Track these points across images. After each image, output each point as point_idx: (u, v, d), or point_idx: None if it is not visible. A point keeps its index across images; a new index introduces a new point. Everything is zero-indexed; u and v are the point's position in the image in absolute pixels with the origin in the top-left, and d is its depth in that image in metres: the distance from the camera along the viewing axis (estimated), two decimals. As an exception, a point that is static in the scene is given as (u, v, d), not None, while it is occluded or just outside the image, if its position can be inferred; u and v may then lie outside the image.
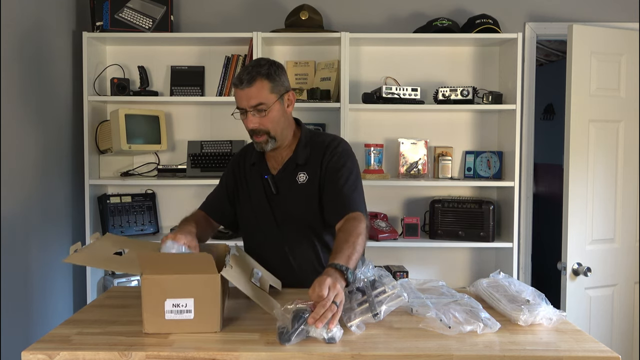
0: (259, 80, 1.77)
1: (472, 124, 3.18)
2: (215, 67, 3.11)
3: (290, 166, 1.90)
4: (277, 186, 1.89)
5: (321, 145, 1.90)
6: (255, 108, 1.78)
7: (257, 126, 1.80)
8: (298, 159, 1.89)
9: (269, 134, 1.82)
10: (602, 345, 1.38)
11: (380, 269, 1.58)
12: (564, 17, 3.12)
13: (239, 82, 1.78)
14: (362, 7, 3.17)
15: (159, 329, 1.41)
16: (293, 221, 1.89)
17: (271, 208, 1.90)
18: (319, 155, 1.89)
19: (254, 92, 1.77)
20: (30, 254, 2.59)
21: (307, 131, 1.96)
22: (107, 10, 2.97)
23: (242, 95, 1.79)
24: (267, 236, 1.92)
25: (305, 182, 1.88)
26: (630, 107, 2.81)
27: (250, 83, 1.77)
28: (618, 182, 2.81)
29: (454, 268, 3.22)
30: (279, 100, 1.81)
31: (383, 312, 1.45)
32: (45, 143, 2.72)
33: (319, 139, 1.94)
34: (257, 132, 1.82)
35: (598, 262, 2.74)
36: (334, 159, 1.87)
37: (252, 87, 1.77)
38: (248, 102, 1.78)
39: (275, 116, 1.81)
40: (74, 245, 1.60)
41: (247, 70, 1.79)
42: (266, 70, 1.79)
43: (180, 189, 3.19)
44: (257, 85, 1.77)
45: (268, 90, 1.78)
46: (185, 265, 1.42)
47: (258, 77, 1.77)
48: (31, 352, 1.30)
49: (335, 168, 1.85)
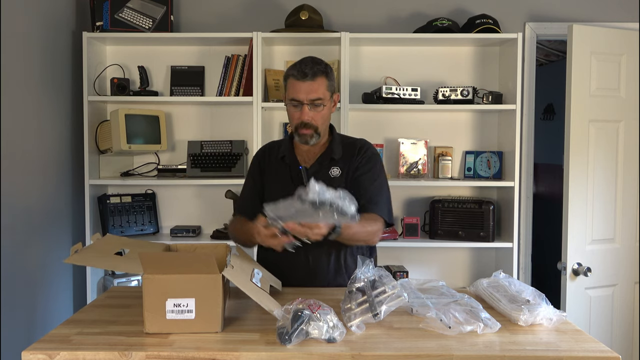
0: (320, 76, 1.86)
1: (472, 124, 3.19)
2: (215, 67, 3.11)
3: (325, 160, 1.97)
4: (309, 178, 1.92)
5: (353, 146, 2.01)
6: (312, 102, 1.86)
7: (310, 120, 1.87)
8: (334, 154, 1.96)
9: (316, 130, 1.90)
10: (602, 345, 1.38)
11: (380, 269, 1.58)
12: (564, 17, 3.12)
13: (302, 75, 1.85)
14: (362, 7, 3.17)
15: (160, 329, 1.41)
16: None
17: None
18: (351, 153, 1.98)
19: (315, 87, 1.85)
20: (30, 253, 2.59)
21: (337, 132, 2.06)
22: (107, 10, 2.97)
23: (302, 88, 1.86)
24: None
25: (337, 176, 1.95)
26: (630, 107, 2.81)
27: (314, 77, 1.85)
28: (618, 182, 2.81)
29: (454, 268, 3.22)
30: (331, 99, 1.91)
31: (383, 312, 1.46)
32: (45, 143, 2.72)
33: (349, 140, 2.06)
34: (308, 126, 1.89)
35: (598, 262, 2.75)
36: (363, 161, 1.97)
37: (314, 82, 1.85)
38: (308, 95, 1.86)
39: (326, 113, 1.91)
40: (74, 246, 1.60)
41: (308, 65, 1.87)
42: (325, 69, 1.89)
43: (180, 189, 3.19)
44: (319, 80, 1.86)
45: (326, 87, 1.88)
46: (187, 265, 1.42)
47: (320, 73, 1.86)
48: (31, 352, 1.30)
49: (363, 170, 1.95)
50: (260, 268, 1.72)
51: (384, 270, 1.57)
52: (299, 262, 1.92)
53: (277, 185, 1.97)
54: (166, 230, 3.17)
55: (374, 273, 1.54)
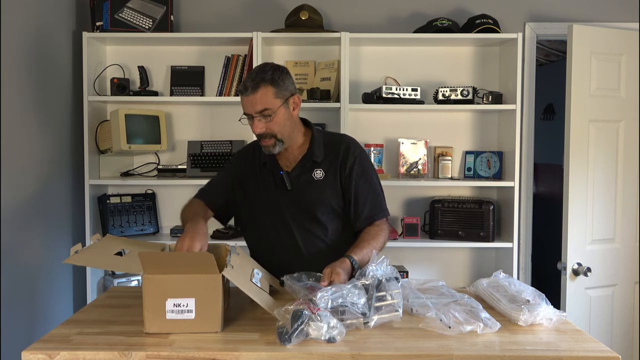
0: (262, 87, 1.81)
1: (472, 124, 3.19)
2: (215, 67, 3.11)
3: (307, 163, 1.94)
4: (292, 182, 1.93)
5: (336, 145, 1.97)
6: (260, 113, 1.82)
7: (264, 131, 1.85)
8: (315, 157, 1.94)
9: (276, 137, 1.87)
10: (602, 345, 1.38)
11: (393, 269, 1.58)
12: (564, 17, 3.12)
13: (243, 89, 1.83)
14: (362, 7, 3.17)
15: (160, 329, 1.41)
16: (306, 217, 1.93)
17: (284, 203, 1.93)
18: (336, 154, 1.95)
19: (258, 98, 1.81)
20: (30, 253, 2.59)
21: (318, 130, 2.02)
22: (107, 10, 2.97)
23: (247, 102, 1.83)
24: (278, 232, 1.95)
25: (322, 178, 1.94)
26: (630, 107, 2.81)
27: (255, 90, 1.81)
28: (618, 182, 2.81)
29: (454, 268, 3.22)
30: (284, 105, 1.85)
31: (374, 322, 1.46)
32: (46, 143, 2.72)
33: (330, 137, 2.03)
34: (265, 136, 1.86)
35: (598, 262, 2.74)
36: (355, 164, 1.94)
37: (256, 94, 1.81)
38: (253, 108, 1.82)
39: (281, 120, 1.86)
40: (74, 246, 1.60)
41: (251, 77, 1.83)
42: (270, 76, 1.83)
43: (180, 189, 3.19)
44: (262, 91, 1.81)
45: (272, 95, 1.82)
46: (187, 265, 1.42)
47: (262, 83, 1.81)
48: (31, 352, 1.30)
49: (359, 173, 1.94)
50: (260, 268, 1.72)
51: (395, 273, 1.57)
52: (297, 262, 1.89)
53: (261, 191, 1.96)
54: (166, 230, 3.17)
55: (383, 273, 1.54)
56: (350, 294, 1.45)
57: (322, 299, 1.42)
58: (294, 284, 1.61)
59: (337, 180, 1.94)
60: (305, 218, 1.93)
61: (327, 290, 1.45)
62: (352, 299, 1.45)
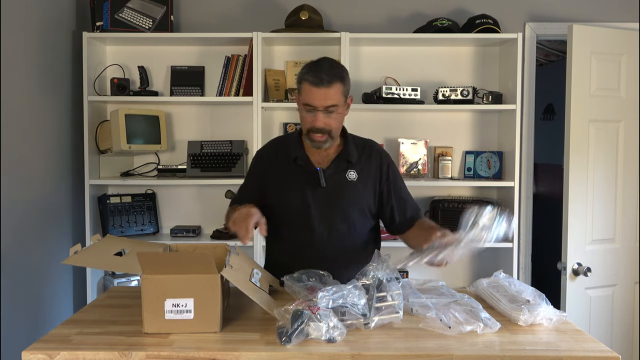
0: (337, 83, 1.81)
1: (472, 124, 3.18)
2: (215, 67, 3.11)
3: (342, 163, 1.93)
4: (326, 180, 1.90)
5: (369, 149, 1.99)
6: (327, 108, 1.81)
7: (324, 126, 1.83)
8: (350, 157, 1.93)
9: (330, 133, 1.85)
10: (602, 345, 1.38)
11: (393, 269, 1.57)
12: (564, 17, 3.12)
13: (318, 81, 1.79)
14: (362, 7, 3.17)
15: (159, 329, 1.41)
16: (336, 214, 1.91)
17: (313, 200, 1.90)
18: (368, 157, 1.97)
19: (332, 94, 1.80)
20: (30, 253, 2.59)
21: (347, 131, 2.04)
22: (107, 10, 2.97)
23: (318, 94, 1.79)
24: (301, 228, 1.91)
25: (354, 180, 1.92)
26: (630, 107, 2.81)
27: (330, 84, 1.79)
28: (618, 182, 2.81)
29: (454, 268, 3.21)
30: (345, 103, 1.87)
31: (374, 324, 1.46)
32: (46, 143, 2.72)
33: (360, 140, 2.03)
34: (321, 131, 1.84)
35: (598, 262, 2.74)
36: (390, 171, 1.98)
37: (330, 89, 1.79)
38: (324, 102, 1.80)
39: (340, 118, 1.87)
40: (73, 247, 1.60)
41: (325, 70, 1.81)
42: (342, 73, 1.84)
43: (180, 189, 3.19)
44: (335, 87, 1.80)
45: (341, 92, 1.83)
46: (186, 265, 1.42)
47: (337, 79, 1.81)
48: (31, 352, 1.30)
49: (395, 179, 1.98)
50: (259, 268, 1.72)
51: (395, 273, 1.56)
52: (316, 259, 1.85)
53: (290, 188, 1.92)
54: (166, 230, 3.17)
55: (384, 274, 1.53)
56: (350, 294, 1.45)
57: (323, 299, 1.42)
58: (294, 284, 1.61)
59: (373, 184, 1.94)
60: (334, 216, 1.90)
61: (328, 290, 1.44)
62: (353, 300, 1.45)
